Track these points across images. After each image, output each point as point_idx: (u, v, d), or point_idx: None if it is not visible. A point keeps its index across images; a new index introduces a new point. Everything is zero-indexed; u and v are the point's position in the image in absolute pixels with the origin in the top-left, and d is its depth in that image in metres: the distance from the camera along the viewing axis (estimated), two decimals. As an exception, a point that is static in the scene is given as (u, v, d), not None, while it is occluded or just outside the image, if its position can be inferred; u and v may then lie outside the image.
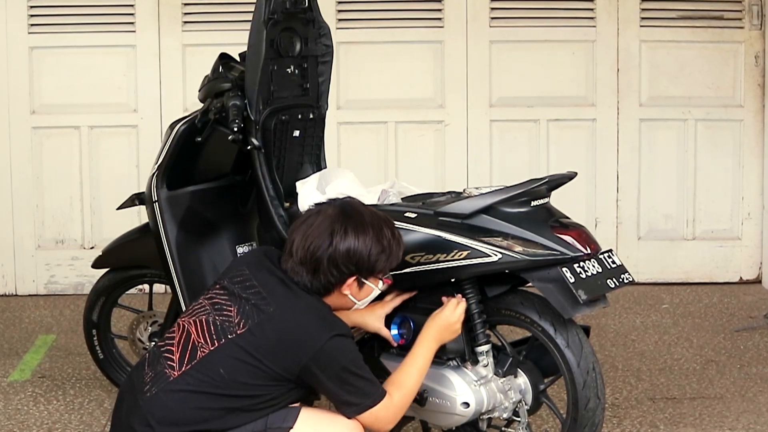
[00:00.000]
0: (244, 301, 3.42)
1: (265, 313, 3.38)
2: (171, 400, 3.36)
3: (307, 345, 3.33)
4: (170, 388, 3.37)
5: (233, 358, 3.35)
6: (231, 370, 3.35)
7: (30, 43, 6.50)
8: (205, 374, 3.36)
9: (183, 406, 3.35)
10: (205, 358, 3.37)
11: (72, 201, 6.58)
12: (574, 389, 3.70)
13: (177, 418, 3.35)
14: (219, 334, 3.39)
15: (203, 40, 6.45)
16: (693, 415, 4.68)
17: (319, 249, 3.42)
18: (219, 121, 4.21)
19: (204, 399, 3.35)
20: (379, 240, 3.47)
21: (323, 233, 3.43)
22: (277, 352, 3.34)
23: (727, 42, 6.64)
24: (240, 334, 3.37)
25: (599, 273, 3.69)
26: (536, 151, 6.67)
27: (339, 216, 3.46)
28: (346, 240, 3.43)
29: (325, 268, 3.43)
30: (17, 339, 5.78)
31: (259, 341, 3.35)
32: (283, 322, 3.35)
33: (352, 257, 3.44)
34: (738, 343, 5.65)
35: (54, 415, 4.72)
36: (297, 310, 3.38)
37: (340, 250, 3.42)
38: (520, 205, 3.70)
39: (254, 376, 3.35)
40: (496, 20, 6.61)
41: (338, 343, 3.36)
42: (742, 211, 6.74)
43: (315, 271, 3.44)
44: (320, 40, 4.42)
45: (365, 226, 3.46)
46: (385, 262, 3.50)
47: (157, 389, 3.38)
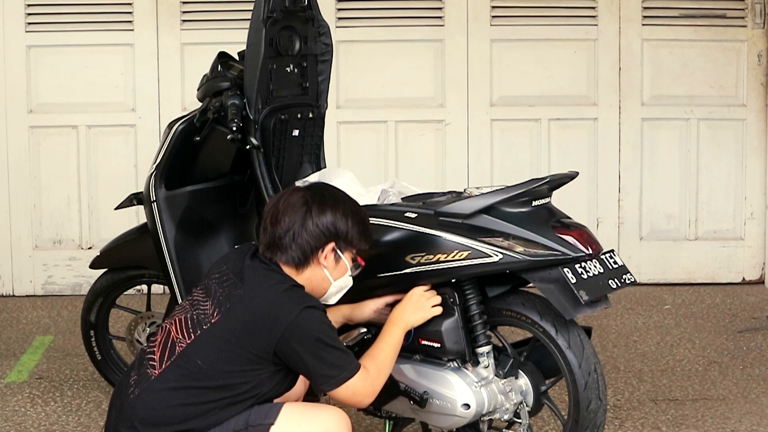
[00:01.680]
0: (218, 293, 3.43)
1: (236, 296, 3.39)
2: (153, 399, 3.35)
3: (280, 319, 3.32)
4: (152, 387, 3.37)
5: (209, 346, 3.35)
6: (208, 359, 3.34)
7: (27, 42, 6.50)
8: (184, 368, 3.35)
9: (165, 404, 3.34)
10: (183, 352, 3.36)
11: (70, 201, 6.58)
12: (576, 390, 3.69)
13: (159, 417, 3.34)
14: (195, 327, 3.39)
15: (202, 38, 6.45)
16: (695, 417, 4.68)
17: (297, 217, 3.45)
18: (218, 120, 4.20)
19: (185, 394, 3.34)
20: (354, 213, 3.52)
21: (299, 204, 3.47)
22: (251, 331, 3.33)
23: (730, 41, 6.64)
24: (214, 323, 3.37)
25: (601, 273, 3.68)
26: (537, 151, 6.67)
27: (312, 190, 3.52)
28: (324, 208, 3.47)
29: (305, 235, 3.44)
30: (14, 340, 5.78)
31: (232, 324, 3.34)
32: (253, 301, 3.36)
33: (330, 224, 3.46)
34: (741, 344, 5.65)
35: (51, 417, 4.72)
36: (266, 288, 3.38)
37: (319, 216, 3.45)
38: (521, 205, 3.69)
39: (231, 361, 3.34)
40: (497, 19, 6.60)
41: (310, 314, 3.35)
42: (744, 211, 6.74)
43: (293, 238, 3.45)
44: (320, 38, 4.42)
45: (338, 199, 3.52)
46: (360, 235, 3.52)
47: (139, 390, 3.38)
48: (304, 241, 3.45)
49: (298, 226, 3.44)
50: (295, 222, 3.45)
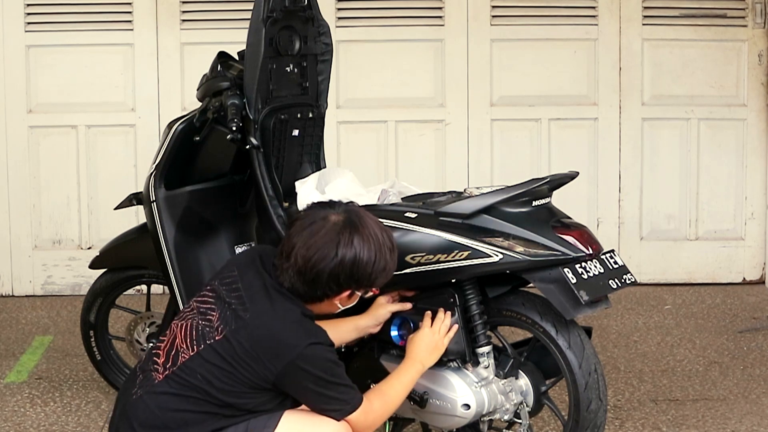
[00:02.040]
0: (226, 305, 3.37)
1: (242, 320, 3.32)
2: (153, 402, 3.33)
3: (282, 353, 3.26)
4: (154, 390, 3.35)
5: (211, 363, 3.30)
6: (209, 375, 3.30)
7: (27, 42, 6.48)
8: (186, 379, 3.32)
9: (165, 409, 3.32)
10: (186, 363, 3.33)
11: (69, 201, 6.56)
12: (576, 391, 3.69)
13: (157, 421, 3.32)
14: (199, 340, 3.34)
15: (202, 38, 6.43)
16: (696, 417, 4.67)
17: (322, 262, 3.34)
18: (217, 120, 4.19)
19: (185, 402, 3.32)
20: (382, 256, 3.39)
21: (328, 244, 3.35)
22: (251, 360, 3.28)
23: (731, 40, 6.63)
24: (217, 340, 3.32)
25: (601, 273, 3.67)
26: (537, 151, 6.66)
27: (345, 227, 3.37)
28: (351, 255, 3.34)
29: (325, 282, 3.36)
30: (14, 340, 5.77)
31: (234, 348, 3.29)
32: (257, 330, 3.29)
33: (355, 274, 3.37)
34: (741, 344, 5.64)
35: (51, 417, 4.71)
36: (272, 318, 3.31)
37: (345, 266, 3.35)
38: (521, 205, 3.69)
39: (231, 382, 3.30)
40: (497, 18, 6.60)
41: (313, 351, 3.29)
42: (745, 211, 6.73)
43: (313, 282, 3.36)
44: (320, 38, 4.41)
45: (370, 241, 3.37)
46: (383, 279, 3.44)
47: (142, 392, 3.37)
48: (321, 290, 3.37)
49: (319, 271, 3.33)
50: (316, 266, 3.33)
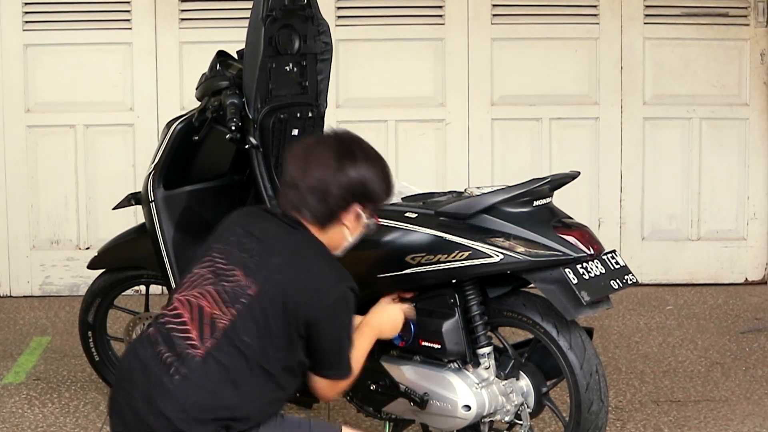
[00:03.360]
0: (246, 260, 3.28)
1: (273, 264, 3.24)
2: (205, 380, 3.14)
3: (322, 296, 3.22)
4: (200, 367, 3.14)
5: (253, 321, 3.18)
6: (253, 335, 3.18)
7: (24, 41, 6.47)
8: (232, 345, 3.16)
9: (217, 386, 3.15)
10: (227, 328, 3.17)
11: (67, 201, 6.56)
12: (577, 392, 3.68)
13: (210, 400, 3.13)
14: (233, 301, 3.20)
15: (200, 37, 6.43)
16: (697, 419, 4.66)
17: (327, 174, 3.32)
18: (216, 119, 4.19)
19: (235, 374, 3.16)
20: (383, 168, 3.41)
21: (330, 159, 3.33)
22: (289, 302, 3.20)
23: (732, 39, 6.63)
24: (253, 295, 3.20)
25: (602, 274, 3.67)
26: (538, 151, 6.66)
27: (341, 143, 3.39)
28: (357, 166, 3.34)
29: (334, 194, 3.32)
30: (12, 341, 5.76)
31: (272, 296, 3.20)
32: (291, 272, 3.23)
33: (361, 183, 3.34)
34: (743, 345, 5.64)
35: (49, 418, 4.70)
36: (307, 258, 3.28)
37: (351, 175, 3.33)
38: (522, 205, 3.69)
39: (273, 337, 3.19)
40: (497, 17, 6.59)
41: (349, 297, 3.28)
42: (747, 211, 6.73)
43: (323, 197, 3.32)
44: (319, 37, 4.41)
45: (370, 153, 3.40)
46: (385, 193, 3.42)
47: (187, 370, 3.14)
48: (332, 201, 3.33)
49: (327, 184, 3.32)
50: (324, 179, 3.32)
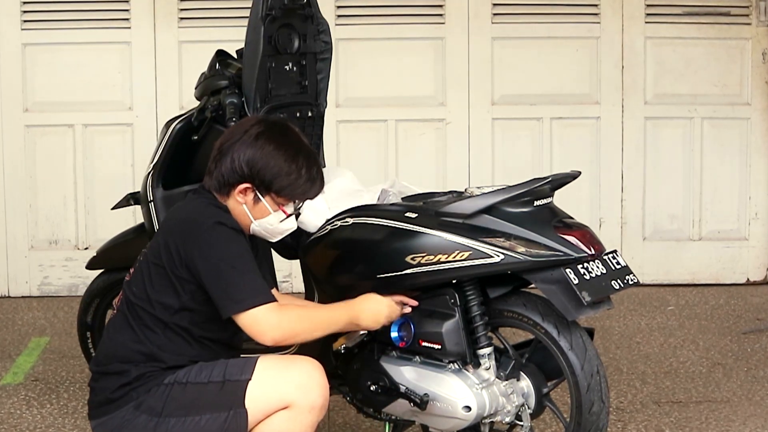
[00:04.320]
0: None
1: (162, 224, 3.56)
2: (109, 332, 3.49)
3: (190, 232, 3.34)
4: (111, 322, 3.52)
5: (140, 273, 3.44)
6: (140, 285, 3.41)
7: (23, 40, 6.48)
8: (126, 299, 3.45)
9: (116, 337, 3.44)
10: (125, 284, 3.48)
11: (66, 201, 6.56)
12: (578, 393, 3.66)
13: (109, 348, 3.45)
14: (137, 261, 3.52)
15: (200, 36, 6.43)
16: (699, 419, 4.65)
17: (229, 140, 3.43)
18: (216, 119, 4.19)
19: (127, 329, 3.42)
20: (290, 160, 3.42)
21: (241, 128, 3.45)
22: (168, 247, 3.36)
23: (734, 39, 6.64)
24: (145, 251, 3.49)
25: (603, 274, 3.65)
26: (539, 150, 6.66)
27: (264, 122, 3.47)
28: (257, 142, 3.41)
29: (226, 161, 3.41)
30: (10, 341, 5.76)
31: (155, 246, 3.43)
32: (170, 221, 3.47)
33: (252, 161, 3.40)
34: (745, 345, 5.63)
35: (47, 419, 4.69)
36: (184, 208, 3.48)
37: (245, 149, 3.40)
38: (522, 205, 3.67)
39: (157, 282, 3.38)
40: (498, 16, 6.60)
41: (219, 230, 3.33)
42: (749, 211, 6.73)
43: (217, 160, 3.44)
44: (319, 36, 4.40)
45: (284, 142, 3.43)
46: (285, 185, 3.44)
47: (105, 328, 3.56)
48: (221, 172, 3.43)
49: (223, 153, 3.42)
50: (223, 147, 3.43)
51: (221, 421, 3.33)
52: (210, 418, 3.33)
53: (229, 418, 3.32)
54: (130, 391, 3.39)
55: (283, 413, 3.34)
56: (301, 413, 3.34)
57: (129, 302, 3.44)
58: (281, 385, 3.33)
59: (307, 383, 3.35)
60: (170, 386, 3.36)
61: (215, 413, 3.33)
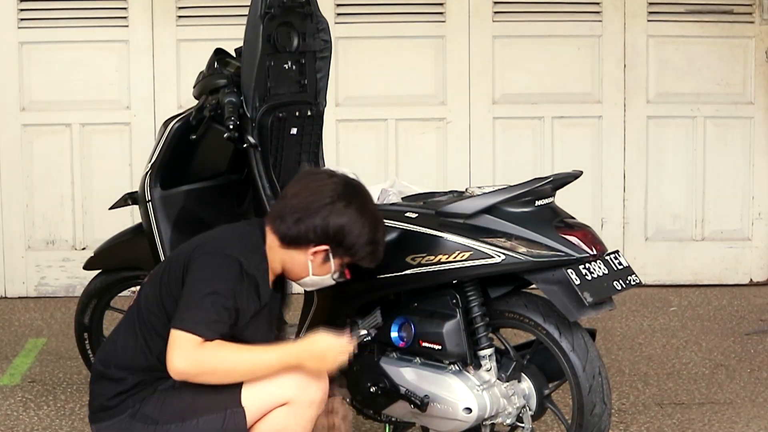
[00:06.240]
0: None
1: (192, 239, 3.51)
2: (113, 336, 3.51)
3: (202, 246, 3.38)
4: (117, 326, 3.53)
5: (158, 277, 3.45)
6: (154, 287, 3.43)
7: (19, 38, 6.47)
8: (137, 306, 3.47)
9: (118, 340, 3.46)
10: (139, 291, 3.51)
11: (63, 200, 6.55)
12: (580, 394, 3.66)
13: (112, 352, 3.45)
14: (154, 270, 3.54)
15: (198, 35, 6.42)
16: (702, 421, 4.64)
17: (316, 203, 3.42)
18: (214, 118, 4.18)
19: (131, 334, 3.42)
20: (374, 230, 3.48)
21: (326, 193, 3.43)
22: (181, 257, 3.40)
23: (737, 37, 6.63)
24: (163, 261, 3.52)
25: (605, 275, 3.65)
26: (540, 150, 6.65)
27: (347, 188, 3.47)
28: (347, 210, 3.43)
29: (310, 223, 3.41)
30: (7, 342, 5.75)
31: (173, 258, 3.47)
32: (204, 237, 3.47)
33: (341, 229, 3.42)
34: (748, 346, 5.62)
35: (44, 421, 4.68)
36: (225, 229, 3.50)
37: (335, 216, 3.42)
38: (524, 205, 3.67)
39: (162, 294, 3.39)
40: (499, 15, 6.59)
41: (230, 262, 3.32)
42: (752, 211, 6.74)
43: (299, 220, 3.42)
44: (318, 35, 4.39)
45: (367, 210, 3.48)
46: (362, 253, 3.48)
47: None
48: (303, 230, 3.42)
49: (310, 213, 3.41)
50: (309, 208, 3.41)
51: (219, 422, 3.32)
52: (207, 419, 3.32)
53: (227, 418, 3.32)
54: (126, 398, 3.38)
55: (282, 409, 3.34)
56: (301, 408, 3.35)
57: (140, 306, 3.44)
58: (278, 382, 3.33)
59: (304, 378, 3.35)
60: (165, 392, 3.35)
61: (212, 414, 3.32)
